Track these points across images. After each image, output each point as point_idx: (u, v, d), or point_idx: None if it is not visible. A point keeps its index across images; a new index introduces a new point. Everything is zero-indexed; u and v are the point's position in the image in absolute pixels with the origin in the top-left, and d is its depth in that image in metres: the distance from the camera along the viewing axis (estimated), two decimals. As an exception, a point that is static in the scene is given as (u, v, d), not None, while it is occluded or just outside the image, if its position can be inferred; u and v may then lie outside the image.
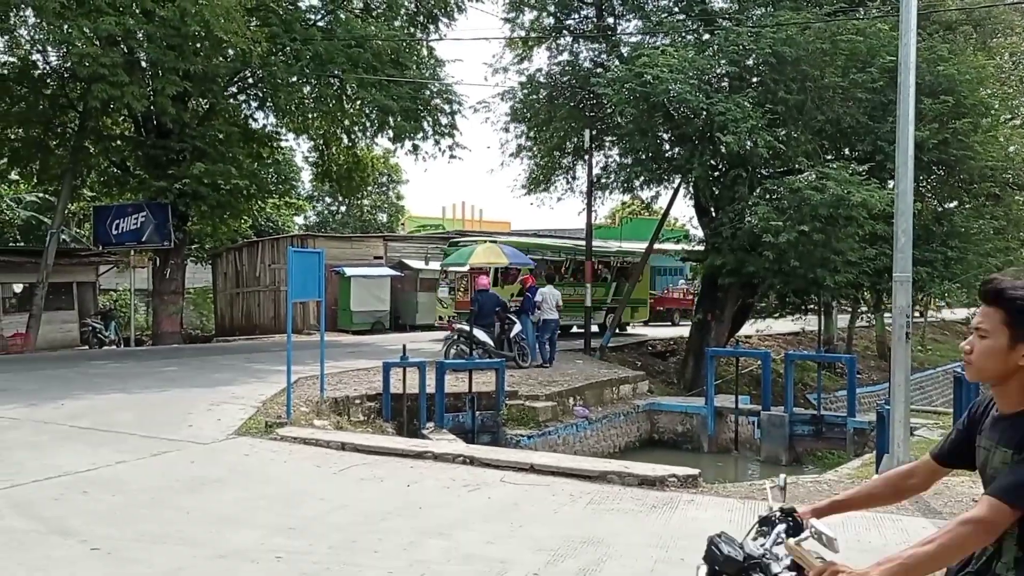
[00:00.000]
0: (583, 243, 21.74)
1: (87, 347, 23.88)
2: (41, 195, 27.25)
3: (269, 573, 5.27)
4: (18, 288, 24.04)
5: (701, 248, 21.10)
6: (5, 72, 21.77)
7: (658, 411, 16.77)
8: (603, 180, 22.11)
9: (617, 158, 21.96)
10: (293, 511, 6.75)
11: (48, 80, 22.29)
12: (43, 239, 22.84)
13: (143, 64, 20.38)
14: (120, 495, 7.07)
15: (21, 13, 19.87)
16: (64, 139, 23.48)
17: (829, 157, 18.05)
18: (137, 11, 18.22)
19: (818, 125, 17.52)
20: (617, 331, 23.06)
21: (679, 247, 24.72)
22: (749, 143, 16.31)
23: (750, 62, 18.27)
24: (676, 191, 21.52)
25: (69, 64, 19.74)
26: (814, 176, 16.25)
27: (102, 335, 24.54)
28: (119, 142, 23.63)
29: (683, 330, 24.86)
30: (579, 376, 16.36)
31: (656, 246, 23.17)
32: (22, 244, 28.98)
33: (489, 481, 7.88)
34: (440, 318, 23.47)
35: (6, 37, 21.62)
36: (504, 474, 8.12)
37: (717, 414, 16.16)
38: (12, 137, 23.52)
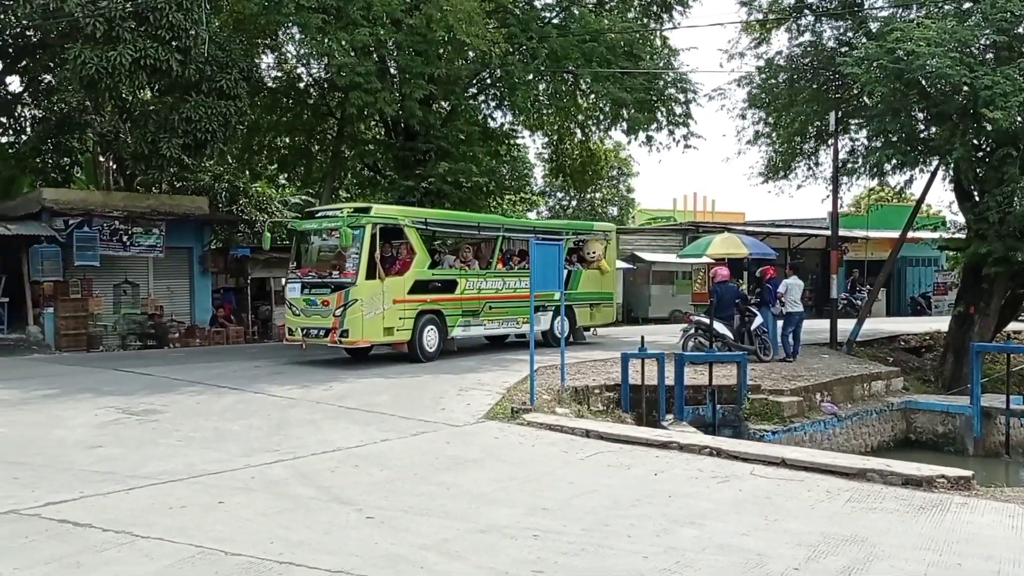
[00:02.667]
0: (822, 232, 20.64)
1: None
2: (304, 197, 29.74)
3: (528, 549, 5.46)
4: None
5: (962, 236, 19.44)
6: (275, 86, 24.02)
7: (915, 410, 15.66)
8: (849, 165, 20.91)
9: (865, 141, 20.67)
10: (544, 493, 6.96)
11: (311, 91, 24.35)
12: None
13: (392, 71, 21.76)
14: (387, 470, 7.62)
15: (288, 31, 21.84)
16: (324, 145, 25.55)
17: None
18: (387, 21, 19.48)
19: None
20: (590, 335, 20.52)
21: (935, 235, 22.86)
22: (1020, 119, 14.82)
23: (1021, 29, 16.57)
24: (933, 175, 19.95)
25: (328, 75, 21.45)
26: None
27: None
28: (371, 146, 25.34)
29: (937, 323, 23.00)
30: (826, 371, 15.60)
31: (909, 234, 21.61)
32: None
33: (738, 473, 7.71)
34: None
35: (275, 54, 23.87)
36: (753, 467, 7.92)
37: (984, 414, 14.85)
38: (280, 145, 25.96)
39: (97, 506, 6.35)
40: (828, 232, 23.37)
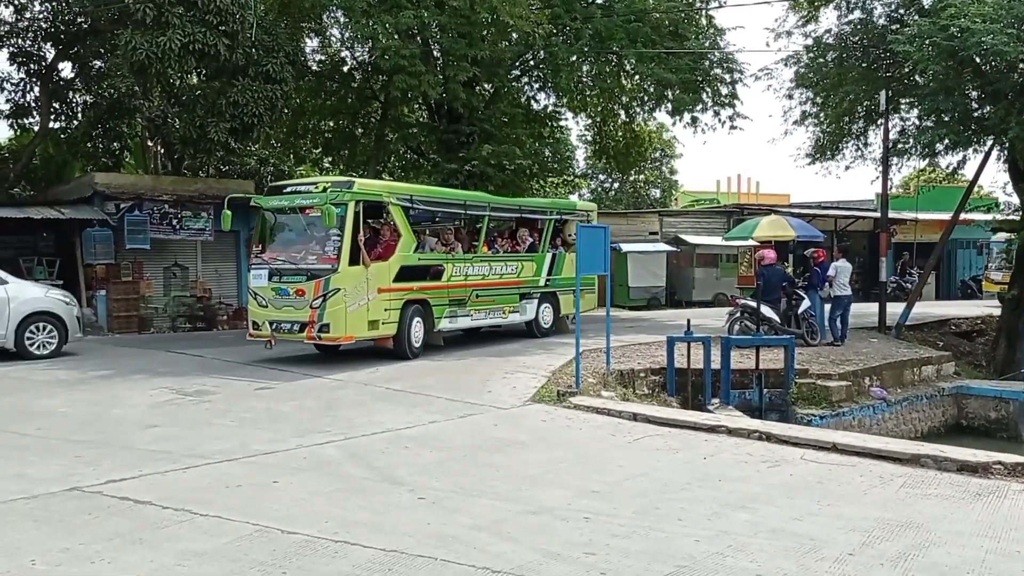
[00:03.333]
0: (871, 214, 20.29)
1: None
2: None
3: (580, 532, 5.49)
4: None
5: (1017, 217, 19.01)
6: (319, 70, 24.18)
7: (967, 395, 15.40)
8: (899, 145, 20.49)
9: (916, 121, 20.23)
10: (593, 475, 6.98)
11: (355, 74, 24.47)
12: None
13: (436, 54, 21.78)
14: (436, 451, 7.69)
15: (332, 14, 21.94)
16: (368, 128, 25.71)
17: None
18: (431, 3, 19.48)
19: None
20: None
21: (988, 216, 22.37)
22: (1079, 96, 14.41)
23: (1082, 4, 16.07)
24: (987, 155, 19.49)
25: (373, 58, 21.54)
26: None
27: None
28: (415, 129, 25.42)
29: (989, 307, 22.55)
30: (875, 355, 15.39)
31: (961, 216, 21.15)
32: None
33: (788, 458, 7.66)
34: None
35: (320, 38, 24.00)
36: (804, 452, 7.85)
37: (1039, 400, 14.55)
38: (324, 128, 26.15)
39: (156, 484, 6.50)
40: (876, 214, 22.99)
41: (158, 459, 7.25)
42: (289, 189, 13.64)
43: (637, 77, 23.85)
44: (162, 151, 24.14)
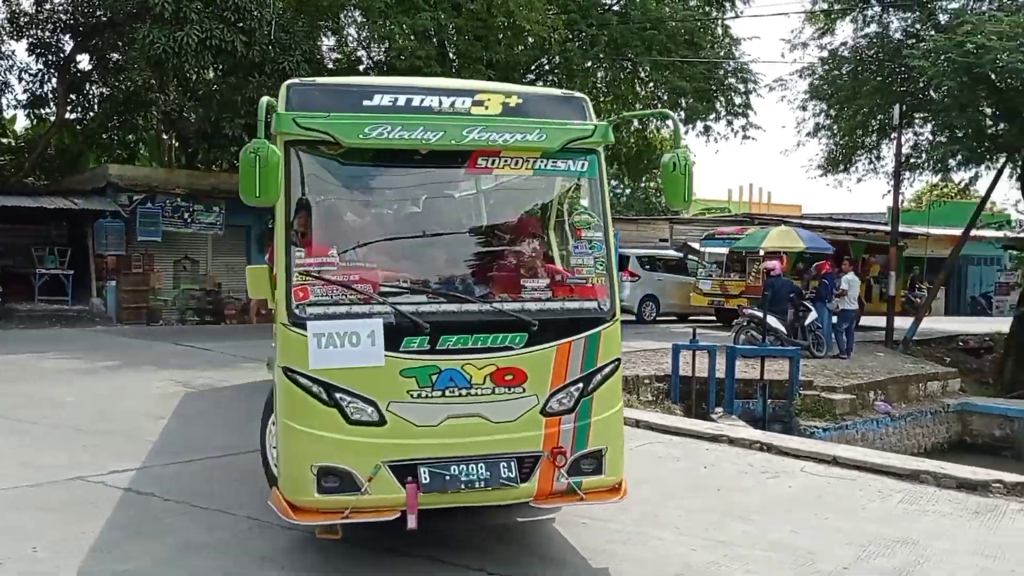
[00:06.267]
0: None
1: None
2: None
3: (578, 536, 5.52)
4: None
5: (1028, 235, 19.01)
6: (335, 68, 24.26)
7: (971, 412, 15.38)
8: (912, 160, 20.50)
9: (930, 136, 20.27)
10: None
11: (370, 74, 24.53)
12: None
13: (451, 56, 21.84)
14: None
15: (350, 14, 22.04)
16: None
17: None
18: (448, 6, 19.56)
19: None
20: None
21: (1000, 233, 22.34)
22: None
23: (1098, 23, 16.05)
24: (999, 172, 19.48)
25: (389, 59, 21.60)
26: None
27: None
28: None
29: (998, 324, 22.47)
30: (880, 369, 15.37)
31: (972, 232, 21.11)
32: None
33: (788, 470, 7.67)
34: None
35: (336, 37, 24.12)
36: (804, 464, 7.86)
37: (1044, 419, 14.52)
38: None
39: (159, 476, 6.57)
40: (887, 227, 22.94)
41: (162, 451, 7.32)
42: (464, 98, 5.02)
43: (651, 84, 23.87)
44: (176, 145, 24.27)
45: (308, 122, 4.52)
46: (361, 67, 24.22)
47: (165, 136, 24.33)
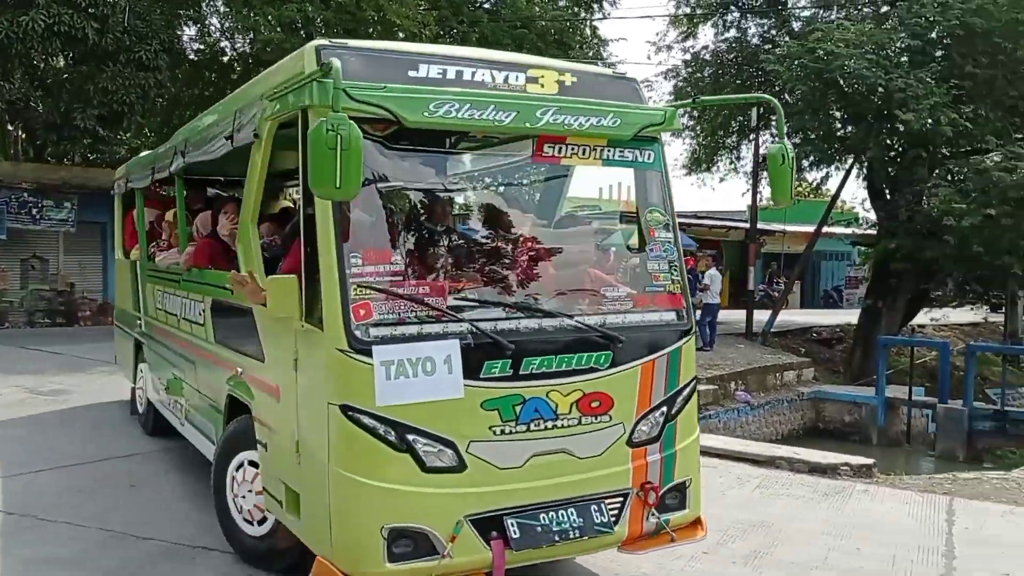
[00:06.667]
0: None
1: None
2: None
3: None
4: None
5: (873, 232, 20.18)
6: (197, 59, 23.37)
7: (824, 399, 16.25)
8: (769, 160, 21.46)
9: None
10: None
11: (235, 65, 23.74)
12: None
13: (320, 49, 21.40)
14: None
15: (212, 3, 21.27)
16: (247, 121, 24.98)
17: (1020, 136, 16.80)
18: (316, -2, 19.13)
19: (1010, 102, 16.35)
20: None
21: (848, 231, 23.70)
22: (931, 121, 15.42)
23: (934, 35, 17.20)
24: (848, 172, 20.66)
25: (254, 50, 20.97)
26: (1002, 156, 15.21)
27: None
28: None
29: (848, 316, 23.83)
30: (741, 360, 16.05)
31: (824, 229, 22.30)
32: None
33: (654, 460, 7.88)
34: None
35: (198, 26, 23.22)
36: (668, 454, 8.10)
37: (888, 405, 15.49)
38: (201, 120, 25.30)
39: (4, 489, 6.15)
40: (747, 225, 23.98)
41: (7, 462, 6.86)
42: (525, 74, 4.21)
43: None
44: (23, 136, 22.81)
45: (363, 94, 3.51)
46: (225, 59, 23.43)
47: (11, 127, 22.82)
